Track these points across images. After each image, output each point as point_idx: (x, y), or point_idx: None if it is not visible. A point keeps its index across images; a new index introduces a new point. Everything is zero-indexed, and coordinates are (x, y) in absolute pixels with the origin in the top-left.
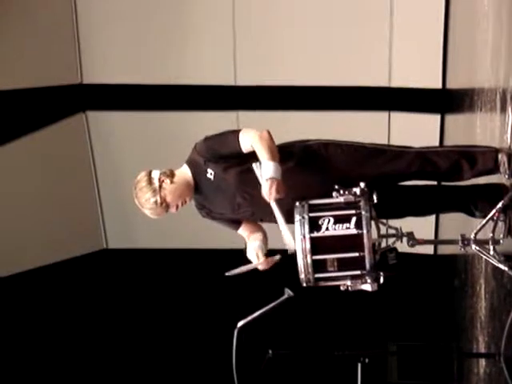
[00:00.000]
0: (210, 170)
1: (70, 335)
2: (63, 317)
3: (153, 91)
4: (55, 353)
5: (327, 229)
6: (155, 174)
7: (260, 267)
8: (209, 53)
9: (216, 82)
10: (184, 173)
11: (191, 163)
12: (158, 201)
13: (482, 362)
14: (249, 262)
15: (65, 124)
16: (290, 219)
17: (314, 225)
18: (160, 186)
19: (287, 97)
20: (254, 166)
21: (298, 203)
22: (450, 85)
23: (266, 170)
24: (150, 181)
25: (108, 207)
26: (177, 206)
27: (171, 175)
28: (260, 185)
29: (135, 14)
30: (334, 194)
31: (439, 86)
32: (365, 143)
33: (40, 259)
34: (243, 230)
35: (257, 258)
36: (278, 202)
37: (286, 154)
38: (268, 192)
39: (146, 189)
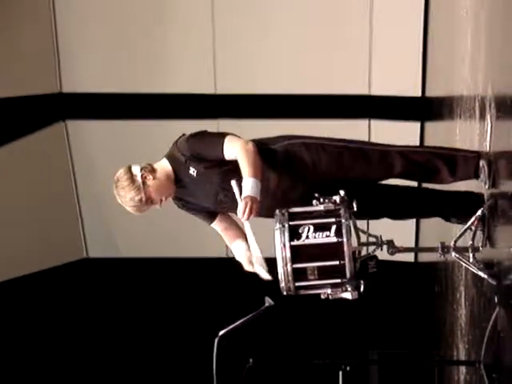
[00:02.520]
0: (192, 168)
1: (49, 346)
2: (43, 327)
3: (133, 100)
4: (34, 364)
5: (307, 237)
6: (136, 171)
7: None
8: (189, 61)
9: (196, 90)
10: (164, 166)
11: (171, 158)
12: (143, 198)
13: (463, 369)
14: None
15: (44, 133)
16: (270, 216)
17: (294, 233)
18: (143, 183)
19: (267, 105)
20: (233, 183)
21: (277, 211)
22: (430, 93)
23: (245, 187)
24: (131, 178)
25: (88, 216)
26: (161, 201)
27: (153, 170)
28: (236, 201)
29: (115, 23)
30: (314, 202)
31: (419, 94)
32: (348, 142)
33: (19, 269)
34: (216, 225)
35: (249, 264)
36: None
37: (267, 155)
38: (243, 211)
39: (128, 187)
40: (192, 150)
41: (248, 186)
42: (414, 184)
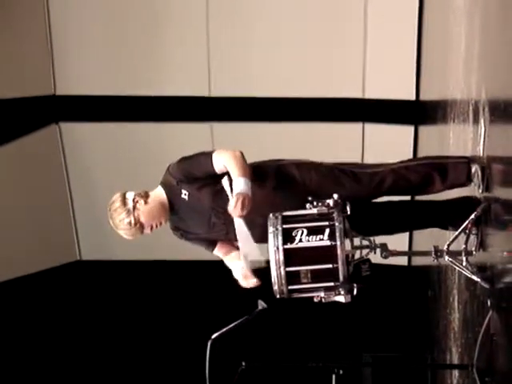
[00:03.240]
0: (183, 191)
1: (42, 348)
2: (35, 330)
3: (126, 102)
4: (28, 366)
5: (301, 240)
6: (129, 195)
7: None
8: (183, 64)
9: (190, 93)
10: (159, 194)
11: (165, 184)
12: (132, 222)
13: (456, 373)
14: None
15: (38, 135)
16: (265, 239)
17: (288, 236)
18: (134, 207)
19: (261, 108)
20: (223, 181)
21: (271, 215)
22: (424, 96)
23: (235, 186)
24: (124, 201)
25: (81, 218)
26: (151, 227)
27: (145, 196)
28: (229, 223)
29: (109, 26)
30: (308, 205)
31: (413, 97)
32: (338, 164)
33: (12, 271)
34: (218, 251)
35: (244, 279)
36: (251, 221)
37: (259, 174)
38: (234, 207)
39: (120, 209)
40: (184, 170)
41: (239, 185)
42: (407, 197)
